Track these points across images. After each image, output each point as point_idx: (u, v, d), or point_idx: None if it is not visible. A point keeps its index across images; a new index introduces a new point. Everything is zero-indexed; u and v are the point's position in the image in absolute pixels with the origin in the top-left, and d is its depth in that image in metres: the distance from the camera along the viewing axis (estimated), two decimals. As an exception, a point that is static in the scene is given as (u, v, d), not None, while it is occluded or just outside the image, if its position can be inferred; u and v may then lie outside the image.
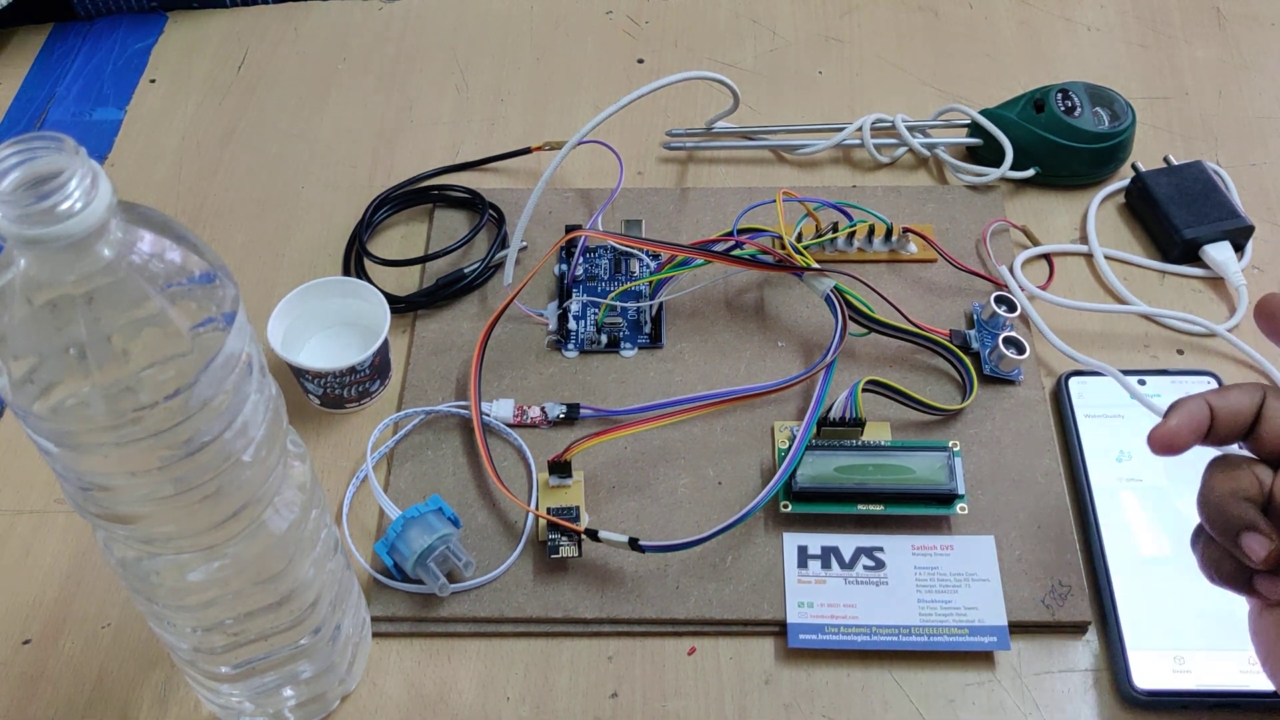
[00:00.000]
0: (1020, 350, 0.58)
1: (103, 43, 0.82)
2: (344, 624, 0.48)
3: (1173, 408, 0.41)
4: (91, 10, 0.83)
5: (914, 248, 0.65)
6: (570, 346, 0.62)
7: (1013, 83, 0.76)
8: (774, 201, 0.63)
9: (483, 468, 0.57)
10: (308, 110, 0.76)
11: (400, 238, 0.69)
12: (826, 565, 0.53)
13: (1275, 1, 0.81)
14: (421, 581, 0.52)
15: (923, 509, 0.54)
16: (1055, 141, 0.67)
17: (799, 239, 0.64)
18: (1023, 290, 0.62)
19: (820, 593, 0.52)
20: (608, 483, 0.57)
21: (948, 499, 0.54)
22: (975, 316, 0.62)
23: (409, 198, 0.70)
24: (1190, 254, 0.65)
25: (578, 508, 0.55)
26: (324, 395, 0.59)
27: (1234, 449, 0.41)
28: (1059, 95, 0.68)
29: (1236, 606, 0.42)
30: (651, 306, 0.63)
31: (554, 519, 0.53)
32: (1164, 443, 0.40)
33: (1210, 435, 0.40)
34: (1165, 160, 0.69)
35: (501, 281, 0.64)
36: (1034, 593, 0.52)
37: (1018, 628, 0.52)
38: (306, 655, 0.46)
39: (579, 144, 0.65)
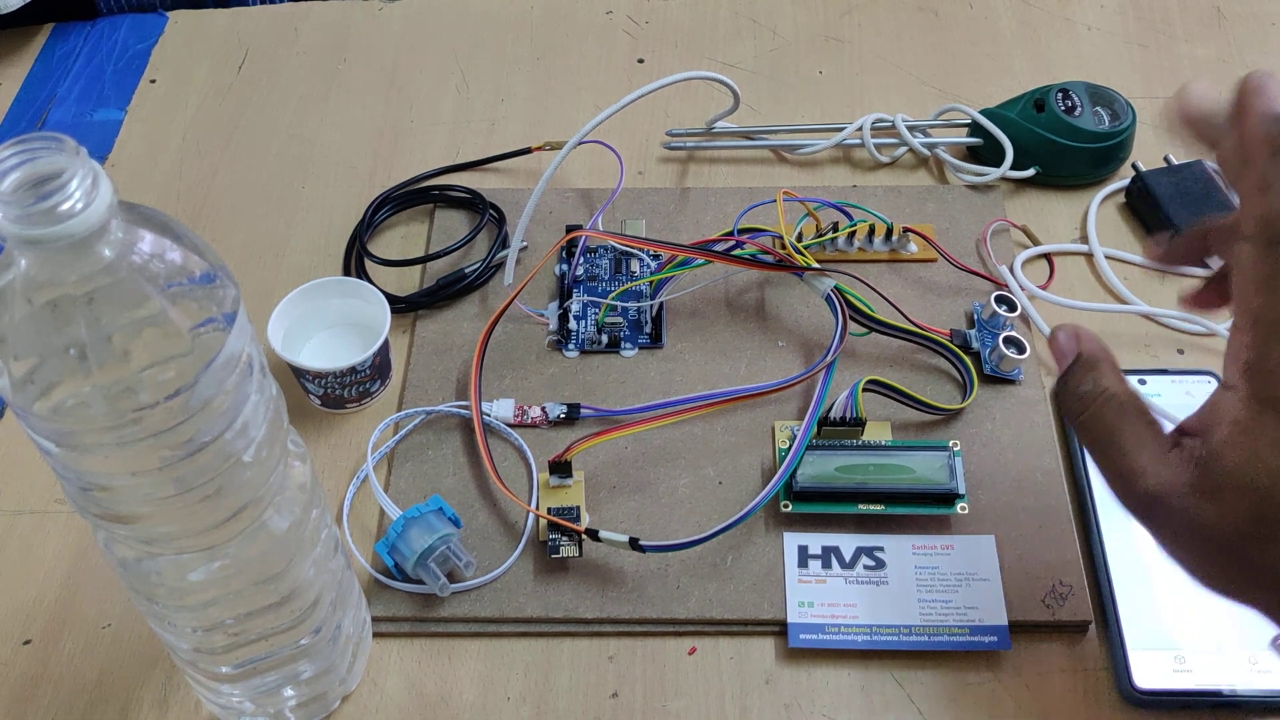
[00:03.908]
0: (1020, 350, 0.58)
1: (103, 43, 0.82)
2: (344, 624, 0.48)
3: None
4: (105, 7, 0.83)
5: (914, 247, 0.65)
6: (570, 346, 0.62)
7: (1013, 83, 0.76)
8: (774, 201, 0.63)
9: (483, 468, 0.57)
10: (308, 110, 0.76)
11: (400, 238, 0.69)
12: (827, 565, 0.53)
13: (1275, 1, 0.81)
14: (422, 581, 0.52)
15: (923, 509, 0.54)
16: (1055, 141, 0.67)
17: (799, 239, 0.64)
18: (1023, 290, 0.62)
19: (820, 592, 0.52)
20: (608, 483, 0.57)
21: (948, 499, 0.54)
22: (975, 316, 0.62)
23: (409, 198, 0.69)
24: (1190, 254, 0.65)
25: (578, 508, 0.55)
26: (324, 395, 0.59)
27: None
28: (1059, 95, 0.68)
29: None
30: (652, 306, 0.63)
31: (554, 519, 0.53)
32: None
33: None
34: (1165, 160, 0.69)
35: (502, 281, 0.64)
36: (1034, 593, 0.52)
37: (1018, 627, 0.52)
38: (307, 655, 0.46)
39: (579, 144, 0.65)
